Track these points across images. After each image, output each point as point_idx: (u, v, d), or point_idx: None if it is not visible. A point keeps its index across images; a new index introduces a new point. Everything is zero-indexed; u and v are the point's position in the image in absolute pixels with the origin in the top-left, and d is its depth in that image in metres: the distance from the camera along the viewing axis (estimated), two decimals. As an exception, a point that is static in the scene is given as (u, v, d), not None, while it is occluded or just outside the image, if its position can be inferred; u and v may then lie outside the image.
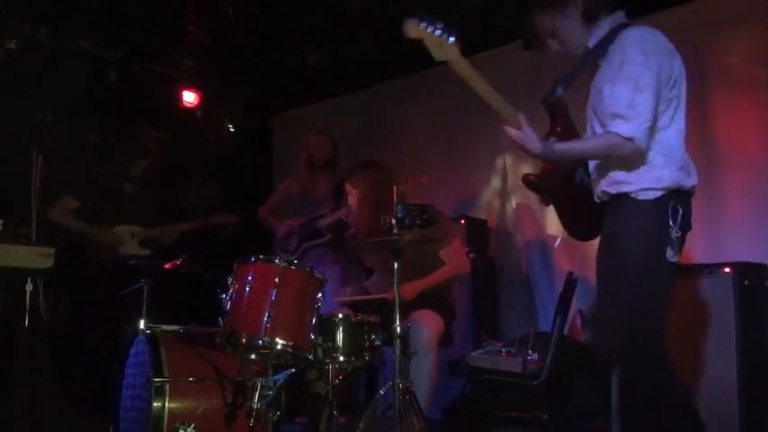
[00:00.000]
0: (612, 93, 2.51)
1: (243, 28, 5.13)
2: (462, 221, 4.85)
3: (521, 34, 4.76)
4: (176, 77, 5.87)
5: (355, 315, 3.20)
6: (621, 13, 2.70)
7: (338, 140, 5.13)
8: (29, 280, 3.55)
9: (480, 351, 3.92)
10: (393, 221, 3.08)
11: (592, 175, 2.76)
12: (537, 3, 2.74)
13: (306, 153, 5.02)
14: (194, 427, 2.99)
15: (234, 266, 2.98)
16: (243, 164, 6.33)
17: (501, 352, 3.78)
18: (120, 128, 5.17)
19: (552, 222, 4.76)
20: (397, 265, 3.12)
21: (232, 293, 2.93)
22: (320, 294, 2.99)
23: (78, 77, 5.03)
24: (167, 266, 3.81)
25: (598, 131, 2.63)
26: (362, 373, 4.15)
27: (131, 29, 5.04)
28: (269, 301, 2.83)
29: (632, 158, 2.52)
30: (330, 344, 3.05)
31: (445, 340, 3.81)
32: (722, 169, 4.14)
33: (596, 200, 2.73)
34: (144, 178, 4.81)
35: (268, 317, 2.80)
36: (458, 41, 2.50)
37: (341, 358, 3.07)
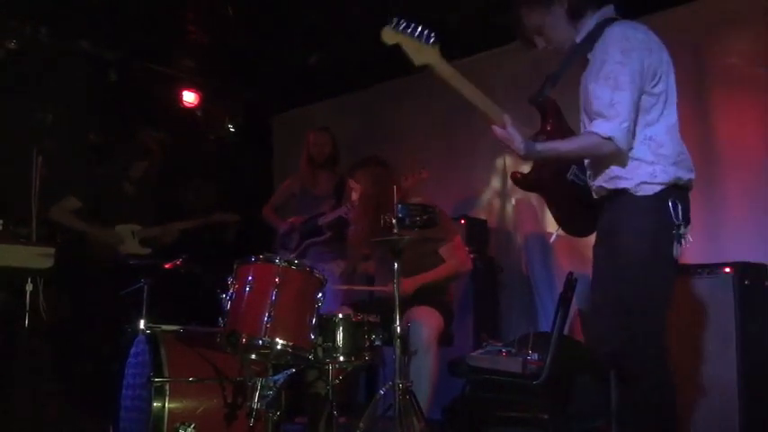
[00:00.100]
0: (594, 92, 2.51)
1: (243, 28, 5.13)
2: (462, 221, 4.85)
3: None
4: (176, 77, 5.88)
5: (355, 315, 3.20)
6: (610, 7, 2.68)
7: (338, 140, 5.14)
8: (29, 280, 3.55)
9: (480, 351, 3.91)
10: (393, 221, 3.08)
11: (587, 172, 2.75)
12: (523, 0, 2.73)
13: (306, 151, 5.04)
14: (194, 427, 2.99)
15: (234, 266, 2.98)
16: (243, 164, 6.34)
17: (501, 352, 3.77)
18: (120, 128, 5.17)
19: (552, 222, 4.75)
20: (397, 264, 3.11)
21: (232, 293, 2.92)
22: (320, 294, 2.99)
23: (78, 77, 5.04)
24: (167, 266, 3.81)
25: (587, 127, 2.62)
26: (362, 373, 4.15)
27: (131, 29, 5.04)
28: (269, 301, 2.82)
29: (619, 156, 2.51)
30: (330, 344, 3.06)
31: (445, 340, 3.81)
32: (722, 169, 4.14)
33: (594, 196, 2.72)
34: (144, 180, 4.82)
35: (268, 317, 2.80)
36: (437, 43, 2.50)
37: (341, 358, 3.07)
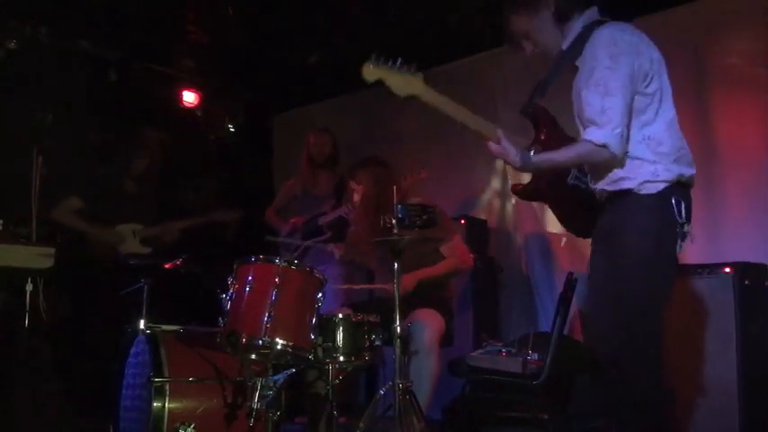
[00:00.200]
0: (585, 99, 2.50)
1: (243, 28, 5.13)
2: (462, 221, 4.85)
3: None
4: (176, 77, 5.88)
5: (355, 315, 3.20)
6: (594, 9, 2.67)
7: (338, 140, 5.14)
8: (29, 280, 3.55)
9: (480, 351, 3.91)
10: (393, 221, 3.08)
11: (588, 176, 2.74)
12: (510, 5, 2.72)
13: (306, 152, 5.05)
14: (194, 427, 2.99)
15: (234, 266, 2.98)
16: (243, 164, 6.34)
17: (501, 352, 3.77)
18: (120, 128, 5.17)
19: (552, 222, 4.76)
20: (397, 264, 3.11)
21: (232, 293, 2.92)
22: (320, 294, 2.99)
23: (78, 77, 5.03)
24: (167, 266, 3.81)
25: (582, 132, 2.61)
26: (362, 373, 4.15)
27: (131, 29, 5.05)
28: (269, 301, 2.82)
29: (616, 161, 2.50)
30: (330, 344, 3.05)
31: (445, 340, 3.81)
32: (722, 169, 4.14)
33: (597, 198, 2.71)
34: (145, 176, 4.82)
35: (268, 317, 2.80)
36: (419, 72, 2.50)
37: (341, 358, 3.07)
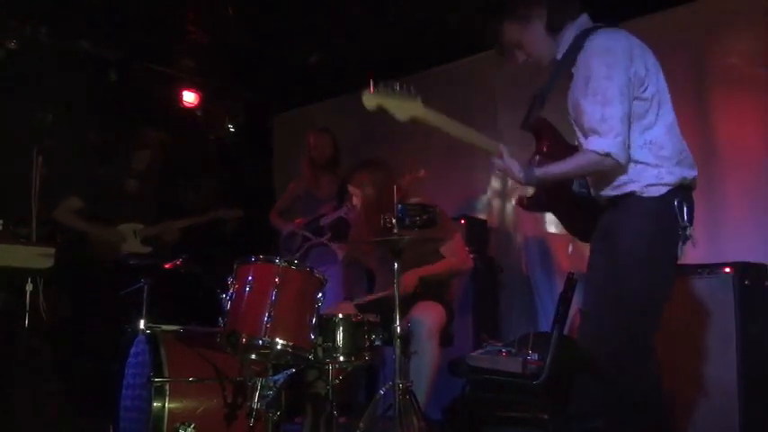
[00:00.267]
0: (584, 109, 2.50)
1: (243, 28, 5.13)
2: (462, 221, 4.84)
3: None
4: (176, 77, 5.87)
5: (355, 315, 3.19)
6: (585, 16, 2.65)
7: (338, 140, 5.13)
8: (29, 280, 3.55)
9: (480, 351, 3.91)
10: (393, 221, 3.08)
11: (590, 183, 2.73)
12: (502, 15, 2.72)
13: (307, 154, 5.03)
14: (194, 427, 2.99)
15: (234, 266, 2.98)
16: (243, 164, 6.34)
17: (501, 352, 3.77)
18: (120, 128, 5.17)
19: (553, 222, 4.77)
20: (397, 264, 3.11)
21: (232, 293, 2.92)
22: (320, 294, 2.99)
23: (78, 77, 5.03)
24: (167, 266, 3.81)
25: (582, 141, 2.61)
26: (362, 373, 4.15)
27: (131, 29, 5.04)
28: (269, 301, 2.82)
29: (620, 168, 2.49)
30: (330, 344, 3.05)
31: (445, 340, 3.81)
32: (722, 169, 4.14)
33: (601, 203, 2.70)
34: (145, 176, 4.82)
35: (268, 317, 2.80)
36: (418, 94, 2.50)
37: (341, 358, 3.07)
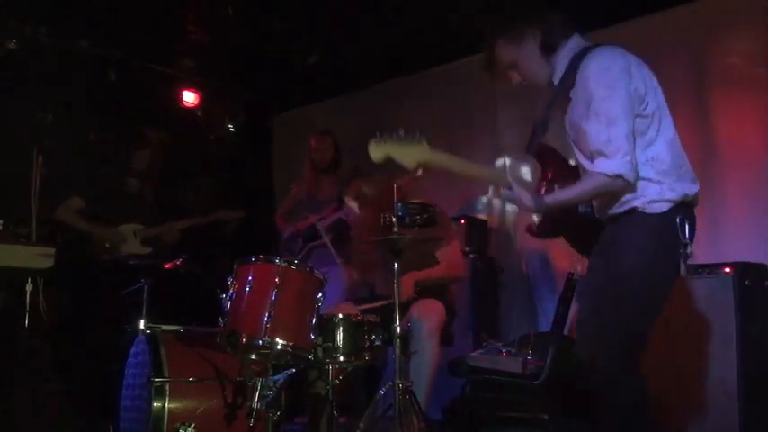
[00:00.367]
0: (588, 131, 2.48)
1: (243, 28, 5.13)
2: (462, 221, 4.85)
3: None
4: (176, 77, 5.87)
5: (355, 315, 3.20)
6: (577, 36, 2.64)
7: (338, 141, 5.11)
8: (29, 280, 3.55)
9: (480, 351, 3.92)
10: (393, 220, 3.08)
11: (595, 203, 2.71)
12: (495, 36, 2.70)
13: (308, 156, 5.02)
14: (194, 427, 2.99)
15: (234, 266, 2.98)
16: (243, 164, 6.33)
17: (501, 352, 3.77)
18: (120, 128, 5.17)
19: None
20: (397, 264, 3.11)
21: (232, 293, 2.92)
22: (320, 294, 2.99)
23: (78, 77, 5.03)
24: (167, 266, 3.81)
25: (583, 163, 2.60)
26: (362, 373, 4.15)
27: (131, 29, 5.04)
28: (269, 301, 2.82)
29: (629, 188, 2.47)
30: (330, 344, 3.05)
31: (445, 340, 3.81)
32: (722, 169, 4.14)
33: (603, 220, 2.68)
34: (146, 176, 4.82)
35: (268, 317, 2.80)
36: (423, 138, 2.50)
37: (341, 358, 3.07)
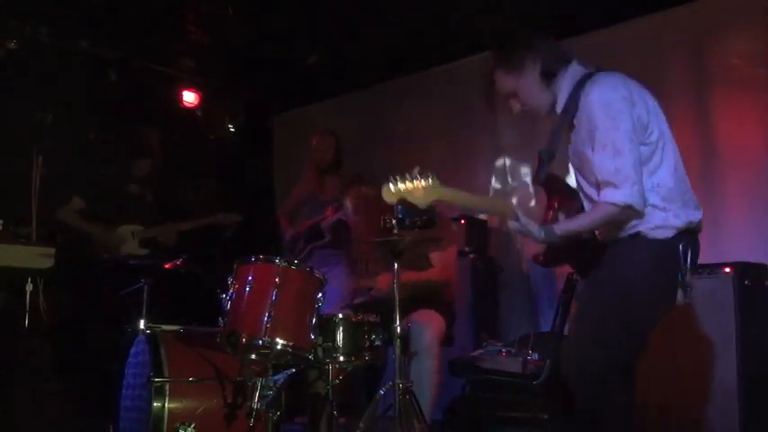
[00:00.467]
0: (594, 162, 2.48)
1: (243, 28, 5.13)
2: (462, 221, 4.84)
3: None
4: (176, 77, 5.87)
5: (355, 315, 3.20)
6: (575, 62, 2.64)
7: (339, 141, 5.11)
8: (29, 280, 3.55)
9: (480, 351, 3.92)
10: (393, 222, 3.08)
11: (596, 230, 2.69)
12: (495, 65, 2.70)
13: (310, 156, 5.01)
14: (194, 427, 2.99)
15: (234, 266, 2.98)
16: (243, 164, 6.33)
17: (501, 352, 3.78)
18: (120, 128, 5.17)
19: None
20: (397, 264, 3.11)
21: (232, 293, 2.92)
22: (320, 294, 2.99)
23: (78, 77, 5.03)
24: (167, 266, 3.81)
25: (588, 191, 2.60)
26: (362, 373, 4.15)
27: (131, 29, 5.04)
28: (269, 301, 2.83)
29: (638, 216, 2.47)
30: (330, 344, 3.06)
31: (445, 340, 3.81)
32: (722, 169, 4.14)
33: (607, 243, 2.66)
34: (147, 179, 4.82)
35: (268, 317, 2.80)
36: (435, 176, 2.51)
37: (341, 358, 3.07)
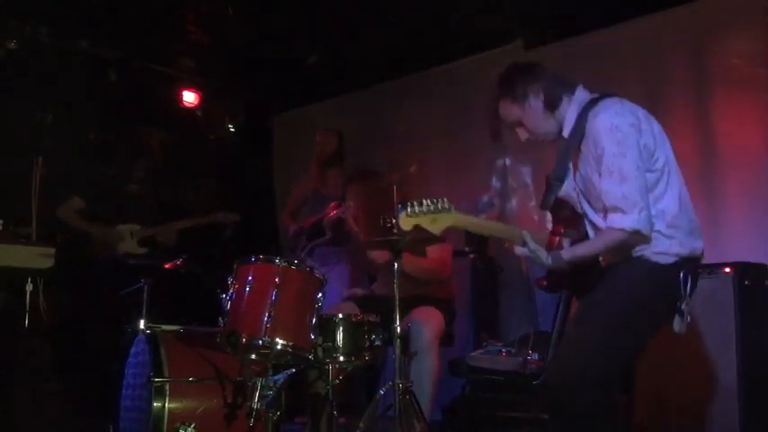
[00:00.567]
0: (601, 188, 2.48)
1: (243, 28, 5.13)
2: (462, 221, 4.83)
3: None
4: (176, 77, 5.87)
5: (355, 315, 3.20)
6: (580, 88, 2.64)
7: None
8: (29, 280, 3.55)
9: (480, 351, 3.92)
10: (393, 221, 3.08)
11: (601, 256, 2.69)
12: (499, 95, 2.69)
13: (314, 152, 5.04)
14: (194, 427, 2.99)
15: (234, 266, 2.98)
16: (243, 164, 6.34)
17: (501, 352, 3.78)
18: (120, 128, 5.17)
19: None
20: (396, 264, 3.12)
21: (232, 293, 2.93)
22: (320, 294, 2.99)
23: (78, 77, 5.03)
24: (167, 266, 3.81)
25: (590, 215, 2.61)
26: (362, 373, 4.15)
27: (131, 29, 5.04)
28: (269, 301, 2.83)
29: (645, 241, 2.47)
30: (330, 344, 3.06)
31: (445, 340, 3.81)
32: (722, 169, 4.13)
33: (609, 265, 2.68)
34: (147, 180, 4.82)
35: (268, 317, 2.80)
36: (451, 204, 2.52)
37: (341, 358, 3.07)
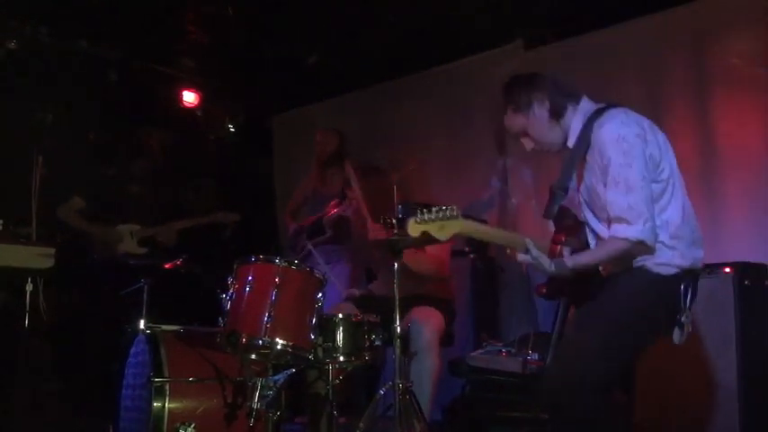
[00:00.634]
0: (607, 198, 2.48)
1: (243, 28, 5.13)
2: (462, 221, 4.83)
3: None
4: (176, 77, 5.87)
5: (355, 315, 3.20)
6: (585, 98, 2.65)
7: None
8: (29, 280, 3.55)
9: (480, 351, 3.92)
10: (394, 221, 3.08)
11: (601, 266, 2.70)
12: (504, 105, 2.71)
13: (314, 151, 5.05)
14: (194, 427, 2.99)
15: (234, 266, 2.98)
16: (243, 164, 6.34)
17: (501, 352, 3.78)
18: (121, 128, 5.17)
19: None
20: (396, 264, 3.12)
21: (232, 293, 2.93)
22: (320, 294, 2.99)
23: (78, 77, 5.03)
24: (167, 266, 3.81)
25: (594, 224, 2.61)
26: (362, 373, 4.15)
27: (131, 29, 5.04)
28: (269, 301, 2.83)
29: (649, 251, 2.48)
30: (330, 344, 3.06)
31: (445, 340, 3.81)
32: (722, 169, 4.13)
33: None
34: (147, 179, 4.82)
35: (268, 317, 2.80)
36: (459, 211, 2.52)
37: (341, 358, 3.07)
